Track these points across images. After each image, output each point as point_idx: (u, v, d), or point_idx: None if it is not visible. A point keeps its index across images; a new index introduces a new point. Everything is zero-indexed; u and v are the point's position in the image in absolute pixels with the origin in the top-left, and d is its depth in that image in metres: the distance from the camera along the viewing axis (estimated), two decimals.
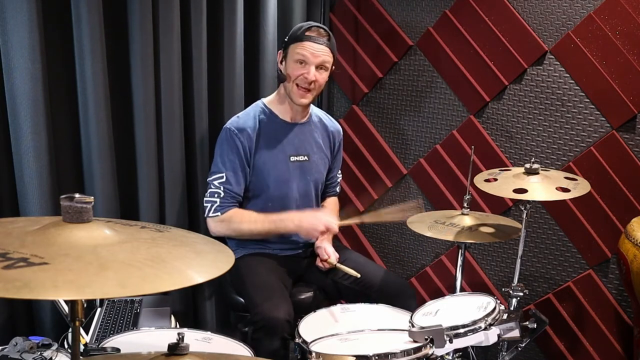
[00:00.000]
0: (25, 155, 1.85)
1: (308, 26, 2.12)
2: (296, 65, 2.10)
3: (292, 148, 2.22)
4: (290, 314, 1.92)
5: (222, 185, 2.11)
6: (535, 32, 2.41)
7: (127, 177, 2.21)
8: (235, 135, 2.13)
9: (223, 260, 1.00)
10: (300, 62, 2.10)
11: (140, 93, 2.13)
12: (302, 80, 2.10)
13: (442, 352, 1.56)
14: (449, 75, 2.65)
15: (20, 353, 1.51)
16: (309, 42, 2.08)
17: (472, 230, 2.12)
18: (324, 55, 2.10)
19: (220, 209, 2.12)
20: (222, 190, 2.11)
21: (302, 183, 2.25)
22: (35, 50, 1.78)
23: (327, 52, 2.11)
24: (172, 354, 1.04)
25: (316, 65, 2.09)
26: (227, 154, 2.13)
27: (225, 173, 2.12)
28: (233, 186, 2.12)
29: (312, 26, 2.12)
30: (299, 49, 2.09)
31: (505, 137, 2.57)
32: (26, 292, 0.77)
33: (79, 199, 0.94)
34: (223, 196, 2.11)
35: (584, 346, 2.52)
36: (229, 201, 2.13)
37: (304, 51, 2.08)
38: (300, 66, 2.10)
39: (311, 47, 2.08)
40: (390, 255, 2.99)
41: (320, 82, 2.13)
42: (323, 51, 2.10)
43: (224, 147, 2.14)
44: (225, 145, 2.14)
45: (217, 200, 2.12)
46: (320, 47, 2.09)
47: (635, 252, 1.97)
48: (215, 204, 2.12)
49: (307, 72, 2.09)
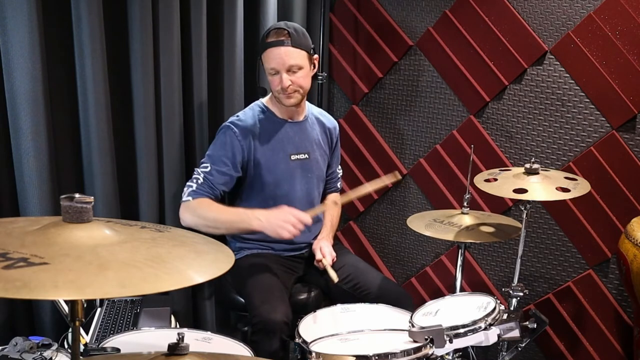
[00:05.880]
0: (25, 155, 1.84)
1: (267, 32, 2.09)
2: (271, 77, 2.10)
3: (292, 146, 2.21)
4: (288, 315, 1.90)
5: (203, 174, 2.07)
6: (535, 32, 2.41)
7: (127, 177, 2.21)
8: (231, 133, 2.11)
9: (223, 260, 1.00)
10: (272, 73, 2.08)
11: (140, 93, 2.13)
12: (280, 89, 2.09)
13: (442, 352, 1.56)
14: (449, 75, 2.65)
15: (20, 353, 1.51)
16: (270, 48, 2.05)
17: (472, 230, 2.12)
18: (288, 58, 2.05)
19: (193, 194, 2.04)
20: (202, 178, 2.06)
21: (304, 181, 2.25)
22: (35, 50, 1.78)
23: (291, 53, 2.05)
24: (172, 354, 1.04)
25: (286, 70, 2.06)
26: (219, 150, 2.11)
27: (212, 165, 2.08)
28: (214, 178, 2.07)
29: (271, 30, 2.08)
30: (266, 60, 2.08)
31: (505, 137, 2.57)
32: (26, 292, 0.77)
33: (79, 199, 0.94)
34: (201, 183, 2.05)
35: (584, 346, 2.52)
36: (205, 190, 2.06)
37: (269, 62, 2.07)
38: (274, 77, 2.08)
39: (274, 55, 2.05)
40: (390, 255, 2.99)
41: (299, 82, 2.09)
42: (287, 53, 2.04)
43: (217, 143, 2.14)
44: (219, 141, 2.13)
45: (194, 186, 2.05)
46: (283, 50, 2.04)
47: (635, 252, 1.97)
48: (191, 189, 2.05)
49: (281, 81, 2.06)
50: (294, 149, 2.22)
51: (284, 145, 2.20)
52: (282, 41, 2.05)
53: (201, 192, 2.05)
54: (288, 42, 2.05)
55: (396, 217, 2.92)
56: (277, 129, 2.20)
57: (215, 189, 2.08)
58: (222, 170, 2.09)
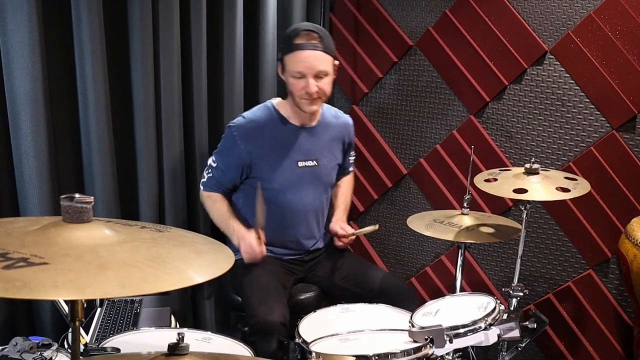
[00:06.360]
0: (25, 155, 1.85)
1: (296, 32, 2.00)
2: (294, 80, 2.01)
3: (300, 153, 2.15)
4: (285, 317, 1.90)
5: (211, 170, 2.17)
6: (535, 32, 2.41)
7: (127, 177, 2.21)
8: (232, 136, 2.10)
9: (223, 260, 1.00)
10: (297, 76, 2.00)
11: (140, 93, 2.13)
12: (304, 94, 2.01)
13: (442, 352, 1.56)
14: (449, 75, 2.65)
15: (20, 353, 1.51)
16: (300, 51, 1.97)
17: (472, 230, 2.12)
18: (319, 63, 1.98)
19: (205, 185, 2.20)
20: (211, 173, 2.17)
21: (312, 188, 2.20)
22: (35, 50, 1.78)
23: (322, 58, 1.99)
24: (172, 354, 1.04)
25: (313, 75, 1.99)
26: (223, 150, 2.15)
27: (218, 163, 2.15)
28: (220, 176, 2.16)
29: (300, 31, 1.99)
30: (292, 63, 1.99)
31: (505, 137, 2.57)
32: (26, 292, 0.77)
33: (79, 199, 0.94)
34: (210, 177, 2.18)
35: (584, 346, 2.52)
36: (213, 184, 2.19)
37: (298, 65, 1.98)
38: (299, 80, 2.01)
39: (303, 58, 1.97)
40: (390, 255, 2.99)
41: (324, 88, 2.03)
42: (317, 58, 1.98)
43: (222, 143, 2.16)
44: (223, 142, 2.16)
45: (206, 177, 2.20)
46: (313, 54, 1.97)
47: (635, 252, 1.97)
48: (203, 179, 2.21)
49: (307, 86, 1.99)
50: (302, 156, 2.16)
51: (291, 152, 2.14)
52: (315, 45, 1.97)
53: (210, 186, 2.19)
54: (319, 46, 1.98)
55: (396, 217, 2.92)
56: (285, 134, 2.14)
57: (222, 185, 2.18)
58: (226, 169, 2.14)
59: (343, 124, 2.31)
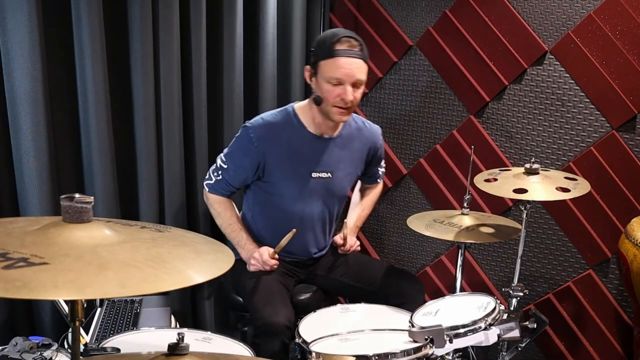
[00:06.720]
0: (25, 155, 1.85)
1: (337, 38, 1.90)
2: (330, 86, 1.92)
3: (315, 164, 2.08)
4: (290, 319, 1.88)
5: (221, 171, 2.10)
6: (535, 32, 2.41)
7: (127, 177, 2.21)
8: (248, 136, 2.03)
9: (223, 260, 1.00)
10: (334, 83, 1.92)
11: (140, 93, 2.13)
12: (339, 101, 1.93)
13: (442, 352, 1.56)
14: (449, 75, 2.65)
15: (20, 353, 1.51)
16: (341, 57, 1.89)
17: (472, 230, 2.12)
18: (358, 72, 1.91)
19: (211, 188, 2.14)
20: (220, 175, 2.11)
21: (322, 200, 2.15)
22: (35, 50, 1.79)
23: (361, 67, 1.92)
24: (172, 354, 1.04)
25: (351, 83, 1.91)
26: (236, 151, 2.08)
27: (229, 164, 2.09)
28: (231, 178, 2.10)
29: (341, 37, 1.90)
30: (331, 69, 1.90)
31: (505, 137, 2.57)
32: (26, 292, 0.77)
33: (79, 199, 0.94)
34: (219, 180, 2.12)
35: (584, 346, 2.52)
36: (221, 187, 2.12)
37: (336, 72, 1.90)
38: (335, 87, 1.92)
39: (343, 64, 1.89)
40: (390, 256, 2.99)
41: (358, 98, 1.97)
42: (358, 66, 1.91)
43: (235, 143, 2.09)
44: (237, 141, 2.08)
45: (213, 179, 2.13)
46: (354, 62, 1.90)
47: (635, 252, 1.97)
48: (210, 182, 2.14)
49: (344, 93, 1.91)
50: (317, 167, 2.09)
51: (306, 162, 2.08)
52: (356, 52, 1.91)
53: (218, 190, 2.14)
54: (361, 55, 1.92)
55: (396, 217, 2.92)
56: (303, 142, 2.06)
57: (232, 186, 2.14)
58: (238, 170, 2.09)
59: (368, 135, 2.21)
